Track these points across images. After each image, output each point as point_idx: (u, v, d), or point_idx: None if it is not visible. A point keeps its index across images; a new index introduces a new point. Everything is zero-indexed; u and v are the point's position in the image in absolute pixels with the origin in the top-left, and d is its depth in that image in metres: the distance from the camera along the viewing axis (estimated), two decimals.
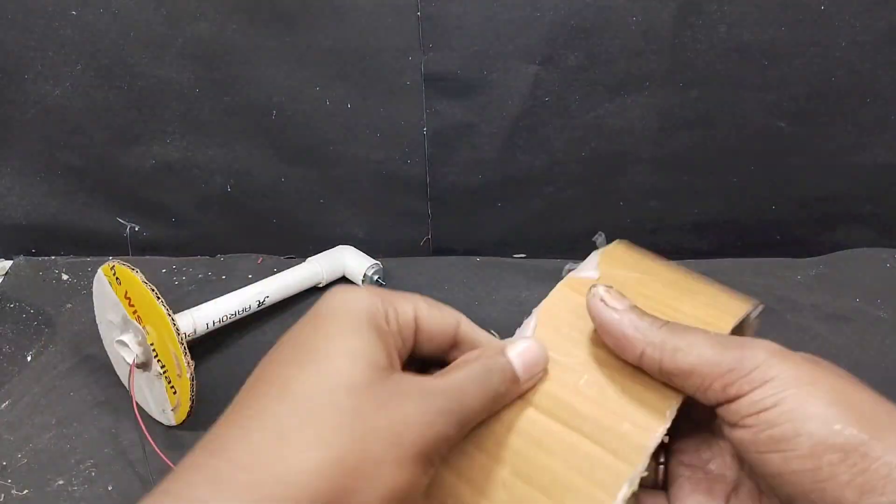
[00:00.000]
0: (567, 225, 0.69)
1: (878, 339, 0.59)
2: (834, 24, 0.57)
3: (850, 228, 0.68)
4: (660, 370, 0.28)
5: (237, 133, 0.64)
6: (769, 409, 0.26)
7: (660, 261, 0.38)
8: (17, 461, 0.50)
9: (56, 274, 0.69)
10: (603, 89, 0.61)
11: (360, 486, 0.23)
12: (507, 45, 0.59)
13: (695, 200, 0.67)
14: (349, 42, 0.59)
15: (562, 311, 0.33)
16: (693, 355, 0.28)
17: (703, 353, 0.28)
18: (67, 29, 0.59)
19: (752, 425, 0.26)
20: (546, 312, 0.33)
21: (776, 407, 0.26)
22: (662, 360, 0.28)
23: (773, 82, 0.60)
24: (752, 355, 0.27)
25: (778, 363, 0.27)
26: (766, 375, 0.26)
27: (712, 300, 0.34)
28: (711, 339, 0.28)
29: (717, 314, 0.33)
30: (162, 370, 0.50)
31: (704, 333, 0.29)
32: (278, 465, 0.23)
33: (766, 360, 0.27)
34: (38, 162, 0.66)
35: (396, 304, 0.28)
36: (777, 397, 0.26)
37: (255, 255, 0.71)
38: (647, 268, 0.36)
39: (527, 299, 0.64)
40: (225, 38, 0.59)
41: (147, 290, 0.48)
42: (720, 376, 0.27)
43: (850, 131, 0.62)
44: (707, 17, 0.57)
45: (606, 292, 0.30)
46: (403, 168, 0.65)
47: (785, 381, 0.26)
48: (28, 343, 0.61)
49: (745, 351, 0.27)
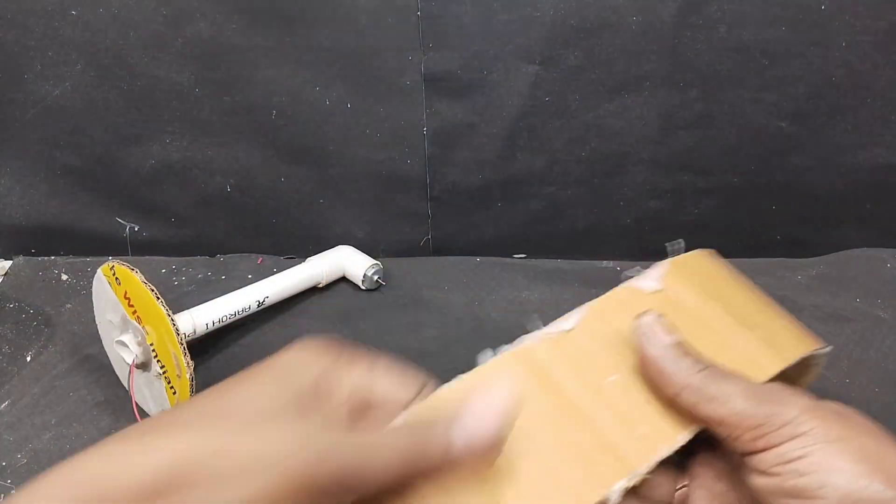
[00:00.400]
0: (567, 225, 0.69)
1: (878, 339, 0.58)
2: (834, 24, 0.57)
3: (850, 228, 0.68)
4: (693, 412, 0.29)
5: (237, 133, 0.64)
6: (797, 460, 0.27)
7: (733, 278, 0.37)
8: (16, 461, 0.50)
9: (56, 274, 0.69)
10: (603, 89, 0.61)
11: (198, 485, 0.21)
12: (507, 45, 0.59)
13: (695, 200, 0.67)
14: (349, 42, 0.59)
15: (612, 312, 0.33)
16: (726, 407, 0.28)
17: (737, 405, 0.28)
18: (67, 29, 0.59)
19: (779, 474, 0.27)
20: (596, 310, 0.33)
21: (804, 458, 0.27)
22: (697, 404, 0.29)
23: (773, 82, 0.60)
24: (784, 411, 0.28)
25: (809, 420, 0.27)
26: (797, 431, 0.27)
27: (770, 336, 0.33)
28: (747, 391, 0.28)
29: (769, 354, 0.32)
30: (161, 370, 0.50)
31: (742, 383, 0.29)
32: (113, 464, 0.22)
33: (797, 416, 0.27)
34: (37, 162, 0.66)
35: (344, 371, 0.28)
36: (806, 450, 0.27)
37: (255, 255, 0.71)
38: (714, 288, 0.35)
39: (527, 299, 0.64)
40: (225, 38, 0.59)
41: (147, 291, 0.48)
42: (750, 429, 0.28)
43: (850, 131, 0.62)
44: (707, 17, 0.57)
45: (656, 322, 0.30)
46: (403, 168, 0.65)
47: (815, 437, 0.27)
48: (28, 343, 0.61)
49: (778, 406, 0.28)
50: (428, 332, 0.61)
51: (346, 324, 0.62)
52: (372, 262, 0.66)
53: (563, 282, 0.65)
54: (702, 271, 0.36)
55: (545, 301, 0.63)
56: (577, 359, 0.31)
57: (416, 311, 0.63)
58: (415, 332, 0.61)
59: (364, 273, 0.65)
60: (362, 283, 0.65)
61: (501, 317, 0.62)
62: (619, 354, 0.31)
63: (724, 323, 0.33)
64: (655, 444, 0.29)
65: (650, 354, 0.30)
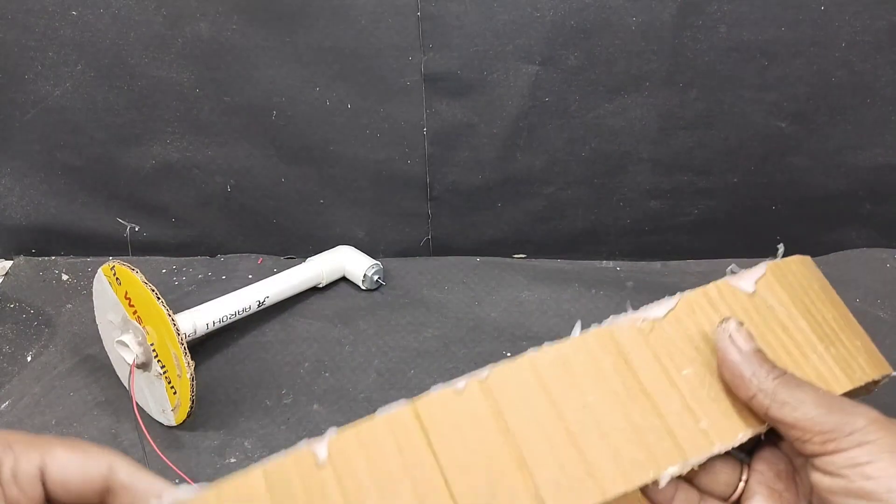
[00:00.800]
0: (567, 225, 0.69)
1: (878, 339, 0.58)
2: (834, 24, 0.57)
3: (850, 228, 0.68)
4: (766, 415, 0.30)
5: (237, 133, 0.64)
6: (865, 465, 0.28)
7: (824, 290, 0.39)
8: None
9: (56, 274, 0.69)
10: (603, 89, 0.61)
11: None
12: (507, 45, 0.59)
13: (695, 200, 0.67)
14: (349, 42, 0.59)
15: (702, 307, 0.34)
16: (799, 412, 0.30)
17: (808, 412, 0.30)
18: (68, 29, 0.59)
19: (846, 476, 0.28)
20: (688, 301, 0.34)
21: (872, 464, 0.28)
22: (770, 407, 0.30)
23: (773, 82, 0.60)
24: (853, 421, 0.29)
25: (877, 430, 0.29)
26: (865, 439, 0.29)
27: (846, 357, 0.35)
28: (819, 399, 0.30)
29: (841, 374, 0.34)
30: (162, 370, 0.50)
31: (814, 392, 0.30)
32: None
33: (866, 426, 0.29)
34: (38, 162, 0.66)
35: (20, 456, 0.26)
36: (873, 457, 0.28)
37: (255, 255, 0.71)
38: (803, 299, 0.37)
39: (527, 299, 0.64)
40: (225, 38, 0.59)
41: (147, 291, 0.48)
42: (820, 433, 0.29)
43: (851, 131, 0.62)
44: (707, 17, 0.57)
45: (736, 330, 0.32)
46: (403, 168, 0.65)
47: (882, 445, 0.28)
48: (28, 343, 0.61)
49: (848, 416, 0.29)
50: (428, 332, 0.61)
51: (346, 324, 0.62)
52: (372, 262, 0.66)
53: (563, 282, 0.65)
54: (795, 280, 0.38)
55: (545, 301, 0.63)
56: (657, 347, 0.32)
57: (416, 311, 0.63)
58: (415, 332, 0.61)
59: (364, 273, 0.65)
60: (362, 283, 0.65)
61: (501, 317, 0.62)
62: (697, 350, 0.33)
63: (805, 337, 0.35)
64: (714, 438, 0.30)
65: (729, 359, 0.31)
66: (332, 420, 0.52)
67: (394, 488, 0.28)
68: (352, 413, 0.53)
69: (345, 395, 0.55)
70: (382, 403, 0.53)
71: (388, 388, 0.55)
